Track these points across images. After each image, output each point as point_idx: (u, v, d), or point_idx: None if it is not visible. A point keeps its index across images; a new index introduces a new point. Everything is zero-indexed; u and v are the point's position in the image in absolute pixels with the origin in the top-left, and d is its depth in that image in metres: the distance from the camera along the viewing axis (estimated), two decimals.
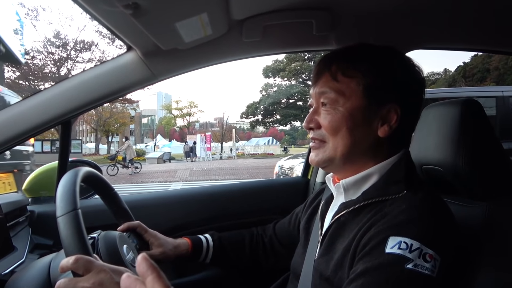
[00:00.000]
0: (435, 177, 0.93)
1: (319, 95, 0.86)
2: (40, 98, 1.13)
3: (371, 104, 0.82)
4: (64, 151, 1.36)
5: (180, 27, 0.88)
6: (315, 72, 0.89)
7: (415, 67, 0.88)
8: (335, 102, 0.83)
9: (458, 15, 1.11)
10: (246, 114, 41.81)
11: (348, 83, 0.83)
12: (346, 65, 0.84)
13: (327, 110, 0.84)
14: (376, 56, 0.85)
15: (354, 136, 0.82)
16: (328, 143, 0.84)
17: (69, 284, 0.67)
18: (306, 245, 0.98)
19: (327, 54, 0.90)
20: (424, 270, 0.66)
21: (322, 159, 0.86)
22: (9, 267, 0.98)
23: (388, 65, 0.84)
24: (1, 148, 1.12)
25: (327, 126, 0.83)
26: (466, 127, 0.85)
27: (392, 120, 0.82)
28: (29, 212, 1.29)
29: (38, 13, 22.73)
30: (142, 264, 0.45)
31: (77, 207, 0.73)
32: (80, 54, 20.65)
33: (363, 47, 0.87)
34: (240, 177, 15.01)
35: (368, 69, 0.82)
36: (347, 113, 0.82)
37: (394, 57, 0.87)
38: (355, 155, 0.84)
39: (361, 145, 0.83)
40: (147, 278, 0.45)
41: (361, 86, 0.82)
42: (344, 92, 0.83)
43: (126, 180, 14.29)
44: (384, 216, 0.75)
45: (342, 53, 0.88)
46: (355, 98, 0.82)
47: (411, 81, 0.86)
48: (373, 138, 0.83)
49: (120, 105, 23.93)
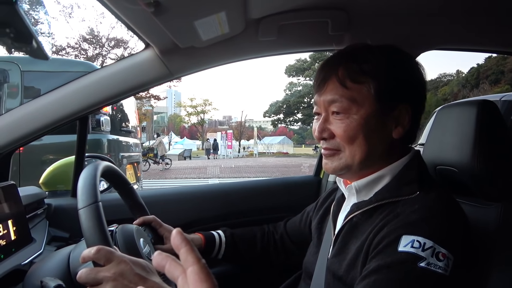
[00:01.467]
0: (449, 177, 0.93)
1: (328, 103, 0.83)
2: (59, 94, 1.15)
3: (384, 107, 0.81)
4: (81, 146, 1.38)
5: (198, 25, 0.90)
6: (320, 78, 0.86)
7: (418, 64, 0.87)
8: (348, 110, 0.80)
9: (472, 16, 1.11)
10: (269, 113, 41.94)
11: (359, 89, 0.80)
12: (354, 69, 0.81)
13: (340, 119, 0.81)
14: (382, 57, 0.83)
15: (370, 142, 0.81)
16: (344, 152, 0.83)
17: (90, 274, 0.68)
18: (319, 245, 0.99)
19: (329, 59, 0.87)
20: (437, 268, 0.66)
21: (338, 166, 0.84)
22: (28, 258, 1.00)
23: (395, 66, 0.83)
24: (20, 142, 1.15)
25: (343, 135, 0.81)
26: (482, 128, 0.85)
27: (405, 121, 0.82)
28: (47, 205, 1.32)
29: (73, 10, 23.02)
30: (177, 237, 0.46)
31: (98, 199, 0.75)
32: (112, 50, 20.80)
33: (366, 47, 0.85)
34: (272, 174, 15.03)
35: (377, 72, 0.81)
36: (362, 120, 0.80)
37: (399, 57, 0.85)
38: (372, 160, 0.83)
39: (378, 149, 0.82)
40: (181, 250, 0.46)
41: (372, 91, 0.80)
42: (356, 99, 0.80)
43: (160, 176, 14.58)
44: (397, 216, 0.75)
45: (346, 56, 0.85)
46: (368, 104, 0.80)
47: (417, 80, 0.85)
48: (388, 141, 0.83)
49: (139, 101, 24.04)
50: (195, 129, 48.93)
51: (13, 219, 0.99)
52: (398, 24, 1.14)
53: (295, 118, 41.57)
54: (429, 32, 1.21)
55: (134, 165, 4.84)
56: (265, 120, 55.09)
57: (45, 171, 1.55)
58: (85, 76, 1.16)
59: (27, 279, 0.84)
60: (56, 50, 19.10)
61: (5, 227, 0.96)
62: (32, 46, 0.60)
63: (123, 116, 4.99)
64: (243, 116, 48.09)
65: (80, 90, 1.15)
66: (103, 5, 0.81)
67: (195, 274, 0.44)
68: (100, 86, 1.15)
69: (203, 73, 72.12)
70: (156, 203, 1.43)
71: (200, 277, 0.44)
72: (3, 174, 1.21)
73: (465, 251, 0.72)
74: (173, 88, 36.20)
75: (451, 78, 38.98)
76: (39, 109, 1.14)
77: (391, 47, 0.86)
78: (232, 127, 50.39)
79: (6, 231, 0.96)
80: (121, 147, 4.48)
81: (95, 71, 1.18)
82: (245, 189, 1.67)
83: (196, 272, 0.45)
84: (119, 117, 4.78)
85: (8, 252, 0.95)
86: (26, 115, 1.13)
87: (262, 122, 71.28)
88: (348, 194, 0.91)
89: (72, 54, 19.95)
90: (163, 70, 1.14)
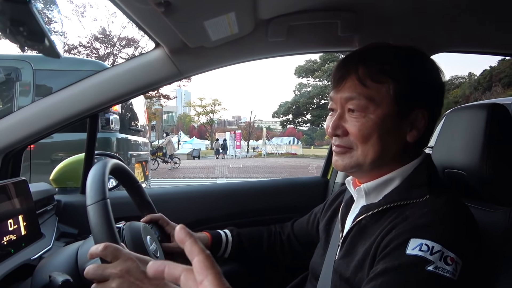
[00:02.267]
0: (458, 181, 0.92)
1: (345, 100, 0.82)
2: (70, 92, 1.17)
3: (401, 110, 0.80)
4: (91, 143, 1.40)
5: (208, 25, 0.90)
6: (339, 75, 0.84)
7: (439, 69, 0.85)
8: (365, 109, 0.79)
9: (484, 18, 1.10)
10: (278, 113, 41.98)
11: (378, 88, 0.79)
12: (375, 68, 0.80)
13: (356, 117, 0.80)
14: (404, 58, 0.82)
15: (384, 143, 0.80)
16: (357, 150, 0.82)
17: (97, 270, 0.69)
18: (326, 246, 0.99)
19: (350, 56, 0.87)
20: (445, 273, 0.66)
21: (349, 164, 0.83)
22: (37, 253, 1.02)
23: (417, 68, 0.81)
24: (31, 139, 1.17)
25: (357, 134, 0.80)
26: (492, 131, 0.84)
27: (420, 125, 0.81)
28: (56, 202, 1.34)
29: (85, 9, 23.27)
30: (181, 231, 0.48)
31: (106, 196, 0.76)
32: (123, 49, 20.98)
33: (388, 48, 0.84)
34: (279, 175, 15.02)
35: (398, 73, 0.79)
36: (379, 120, 0.79)
37: (421, 59, 0.84)
38: (384, 161, 0.82)
39: (390, 151, 0.81)
40: (185, 243, 0.47)
41: (391, 91, 0.79)
42: (374, 98, 0.79)
43: (168, 175, 14.64)
44: (406, 219, 0.74)
45: (367, 54, 0.84)
46: (386, 105, 0.79)
47: (437, 84, 0.84)
48: (401, 144, 0.82)
49: (149, 101, 24.18)
50: (204, 128, 49.06)
51: (23, 214, 1.01)
52: (408, 26, 1.13)
53: (304, 119, 41.50)
54: (440, 34, 1.20)
55: (142, 163, 4.88)
56: (274, 121, 55.18)
57: (55, 168, 1.57)
58: (96, 74, 1.18)
59: (36, 273, 0.85)
60: (68, 49, 19.34)
61: (15, 222, 0.97)
62: (45, 45, 0.61)
63: (132, 115, 5.03)
64: (252, 116, 48.20)
65: (90, 89, 1.17)
66: (115, 5, 0.82)
67: (201, 262, 0.47)
68: (110, 84, 1.17)
69: (212, 73, 72.34)
70: (163, 202, 1.44)
71: (205, 265, 0.47)
72: (15, 170, 1.23)
73: (474, 256, 0.71)
74: (183, 88, 36.36)
75: (463, 81, 38.54)
76: (50, 107, 1.16)
77: (412, 49, 0.84)
78: (241, 127, 50.46)
79: (16, 226, 0.97)
80: (130, 146, 4.52)
81: (106, 70, 1.19)
82: (252, 189, 1.68)
83: (201, 260, 0.47)
84: (128, 116, 4.83)
85: (18, 247, 0.96)
86: (37, 113, 1.15)
87: (271, 123, 71.27)
88: (357, 196, 0.91)
89: (84, 53, 20.17)
90: (172, 70, 1.15)
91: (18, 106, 3.71)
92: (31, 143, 1.20)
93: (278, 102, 69.40)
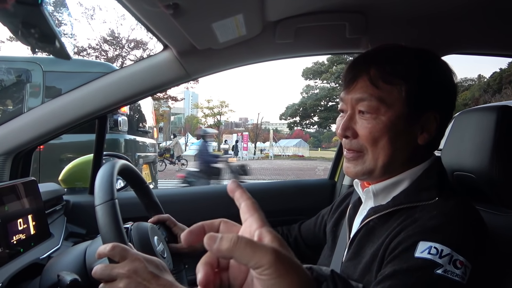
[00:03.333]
0: (467, 184, 0.91)
1: (356, 101, 0.81)
2: (79, 94, 1.18)
3: (413, 112, 0.79)
4: (100, 144, 1.41)
5: (216, 27, 0.91)
6: (350, 75, 0.83)
7: (451, 72, 0.84)
8: (376, 110, 0.78)
9: (493, 20, 1.09)
10: (285, 115, 41.96)
11: (390, 90, 0.78)
12: (386, 70, 0.79)
13: (366, 118, 0.79)
14: (417, 60, 0.80)
15: (395, 146, 0.79)
16: (368, 154, 0.80)
17: (105, 270, 0.70)
18: (333, 248, 0.98)
19: (362, 56, 0.85)
20: (454, 276, 0.65)
21: (361, 171, 0.82)
22: (46, 252, 1.03)
23: (429, 70, 0.80)
24: (41, 139, 1.18)
25: (367, 136, 0.79)
26: (502, 134, 0.83)
27: (432, 128, 0.80)
28: (65, 202, 1.35)
29: (95, 12, 23.46)
30: (232, 184, 0.47)
31: (114, 197, 0.77)
32: (131, 51, 21.14)
33: (401, 49, 0.83)
34: (286, 177, 14.95)
35: (410, 75, 0.78)
36: (389, 123, 0.77)
37: (434, 61, 0.82)
38: (395, 164, 0.81)
39: (401, 154, 0.80)
40: (235, 192, 0.47)
41: (403, 93, 0.78)
42: (385, 100, 0.78)
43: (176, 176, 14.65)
44: (415, 221, 0.73)
45: (379, 55, 0.83)
46: (398, 107, 0.78)
47: (449, 87, 0.83)
48: (412, 147, 0.81)
49: (156, 102, 24.31)
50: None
51: (33, 214, 1.02)
52: (417, 28, 1.12)
53: (311, 121, 41.40)
54: (449, 35, 1.19)
55: (150, 165, 4.91)
56: (281, 123, 55.12)
57: (64, 168, 1.58)
58: (104, 76, 1.19)
59: (44, 272, 0.86)
60: (78, 51, 19.51)
61: (25, 221, 0.98)
62: (55, 47, 0.62)
63: (140, 116, 5.06)
64: (259, 118, 48.10)
65: (99, 90, 1.18)
66: (124, 7, 0.83)
67: (248, 205, 0.45)
68: (119, 86, 1.18)
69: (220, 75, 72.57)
70: (171, 203, 1.45)
71: (252, 207, 0.45)
72: (25, 171, 1.25)
73: (483, 260, 0.70)
74: (190, 90, 36.36)
75: (472, 83, 38.16)
76: (59, 109, 1.17)
77: (425, 51, 0.83)
78: (248, 129, 50.41)
79: (26, 226, 0.98)
80: (137, 147, 4.55)
81: (114, 71, 1.21)
82: (259, 191, 1.68)
83: (249, 204, 0.45)
84: (136, 118, 4.86)
85: (27, 246, 0.98)
86: (47, 114, 1.16)
87: (278, 125, 71.24)
88: (365, 198, 0.90)
89: (93, 55, 20.35)
90: (180, 71, 1.16)
91: (28, 108, 3.75)
92: (40, 144, 1.22)
93: (285, 104, 69.60)
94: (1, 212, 0.90)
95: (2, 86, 3.96)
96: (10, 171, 1.18)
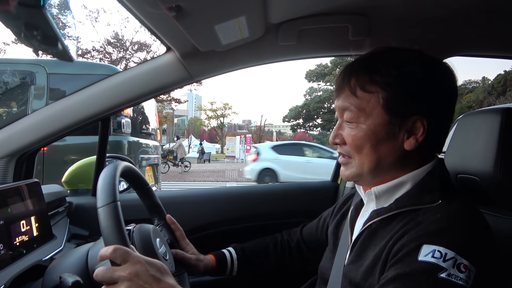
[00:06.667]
0: (471, 186, 0.91)
1: (341, 110, 0.84)
2: (82, 96, 1.19)
3: (393, 118, 0.78)
4: (103, 146, 1.42)
5: (218, 29, 0.91)
6: (337, 85, 0.86)
7: (444, 71, 0.82)
8: (357, 119, 0.80)
9: (498, 22, 1.08)
10: (289, 118, 42.01)
11: (368, 99, 0.79)
12: (365, 78, 0.80)
13: (350, 127, 0.82)
14: (396, 65, 0.79)
15: (379, 152, 0.79)
16: (354, 160, 0.82)
17: (107, 273, 0.70)
18: (335, 250, 0.97)
19: (347, 65, 0.86)
20: (458, 280, 0.64)
21: (351, 174, 0.84)
22: (49, 254, 1.03)
23: (409, 75, 0.78)
24: (45, 141, 1.18)
25: (351, 143, 0.82)
26: (506, 136, 0.83)
27: (419, 133, 0.78)
28: (68, 203, 1.36)
29: (99, 14, 23.59)
30: None
31: (116, 199, 0.76)
32: (135, 54, 21.25)
33: (381, 54, 0.83)
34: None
35: (388, 81, 0.78)
36: (369, 131, 0.79)
37: (417, 64, 0.79)
38: (382, 169, 0.81)
39: (387, 159, 0.80)
40: None
41: (381, 101, 0.78)
42: (364, 108, 0.79)
43: (179, 178, 14.74)
44: (418, 224, 0.73)
45: (359, 64, 0.84)
46: (376, 115, 0.79)
47: (438, 89, 0.79)
48: (399, 152, 0.80)
49: (160, 104, 24.36)
50: (215, 132, 49.19)
51: (36, 215, 1.02)
52: (420, 30, 1.12)
53: (314, 123, 41.48)
54: (453, 38, 1.19)
55: (153, 167, 4.92)
56: (284, 125, 55.16)
57: (67, 170, 1.59)
58: (108, 78, 1.20)
59: (47, 274, 0.86)
60: (82, 53, 19.64)
61: (28, 223, 0.98)
62: (58, 49, 0.63)
63: (144, 118, 5.08)
64: (262, 121, 48.14)
65: (102, 92, 1.18)
66: (127, 10, 0.83)
67: None
68: (122, 88, 1.18)
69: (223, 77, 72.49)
70: (174, 205, 1.45)
71: None
72: (28, 172, 1.25)
73: (488, 263, 0.69)
74: (194, 92, 36.33)
75: (477, 85, 38.00)
76: (63, 110, 1.18)
77: (413, 55, 0.81)
78: (251, 131, 50.43)
79: (29, 227, 0.99)
80: (141, 149, 4.57)
81: (118, 73, 1.21)
82: (262, 193, 1.67)
83: None
84: (139, 120, 4.88)
85: (30, 247, 0.98)
86: (50, 116, 1.17)
87: (282, 127, 71.18)
88: (367, 200, 0.90)
89: (97, 57, 20.47)
90: (183, 74, 1.16)
91: (32, 109, 3.77)
92: (44, 145, 1.22)
93: (288, 106, 69.65)
94: (4, 213, 0.91)
95: (6, 88, 3.99)
96: (14, 172, 1.19)
